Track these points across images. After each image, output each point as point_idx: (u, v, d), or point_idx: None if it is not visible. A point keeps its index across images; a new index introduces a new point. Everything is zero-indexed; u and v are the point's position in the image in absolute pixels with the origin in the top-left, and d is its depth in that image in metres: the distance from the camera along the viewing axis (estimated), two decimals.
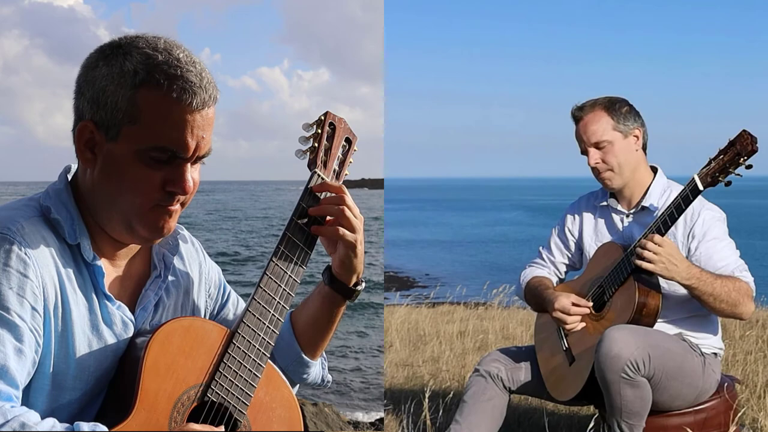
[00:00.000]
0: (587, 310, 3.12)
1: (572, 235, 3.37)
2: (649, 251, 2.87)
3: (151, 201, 1.62)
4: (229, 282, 2.04)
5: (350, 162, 1.91)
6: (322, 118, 1.86)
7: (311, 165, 1.84)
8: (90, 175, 1.65)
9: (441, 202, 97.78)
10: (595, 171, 3.16)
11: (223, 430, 1.65)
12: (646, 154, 3.21)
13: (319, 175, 1.83)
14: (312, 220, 1.82)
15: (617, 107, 3.14)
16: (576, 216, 3.37)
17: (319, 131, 1.85)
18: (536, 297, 3.30)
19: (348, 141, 1.91)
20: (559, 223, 3.43)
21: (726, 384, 3.15)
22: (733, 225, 3.17)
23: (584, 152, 3.17)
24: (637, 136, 3.15)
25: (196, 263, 1.92)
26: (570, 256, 3.39)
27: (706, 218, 3.06)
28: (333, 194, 1.81)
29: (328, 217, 1.82)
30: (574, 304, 3.11)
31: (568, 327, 3.12)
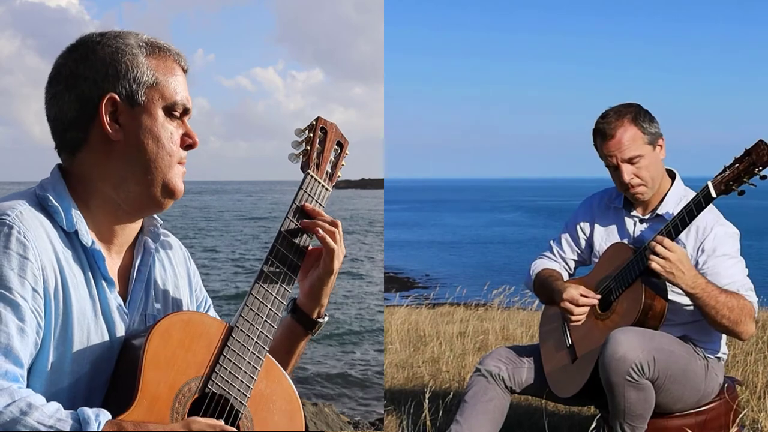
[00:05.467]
0: (595, 302, 3.11)
1: (583, 233, 3.34)
2: (660, 254, 2.87)
3: (178, 156, 1.76)
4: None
5: (342, 165, 1.98)
6: (314, 123, 1.94)
7: (304, 167, 1.91)
8: (109, 151, 1.71)
9: (441, 203, 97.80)
10: (626, 186, 3.07)
11: (224, 423, 1.66)
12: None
13: (312, 176, 1.90)
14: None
15: (643, 117, 3.06)
16: (588, 214, 3.34)
17: (311, 135, 1.93)
18: (545, 287, 3.28)
19: (339, 145, 1.98)
20: (571, 219, 3.40)
21: (726, 385, 3.15)
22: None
23: (613, 167, 3.08)
24: (661, 146, 3.10)
25: (183, 265, 1.98)
26: (580, 252, 3.37)
27: (718, 234, 3.02)
28: (326, 219, 1.89)
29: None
30: (582, 296, 3.11)
31: (574, 318, 3.11)
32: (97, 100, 1.70)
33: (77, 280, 1.66)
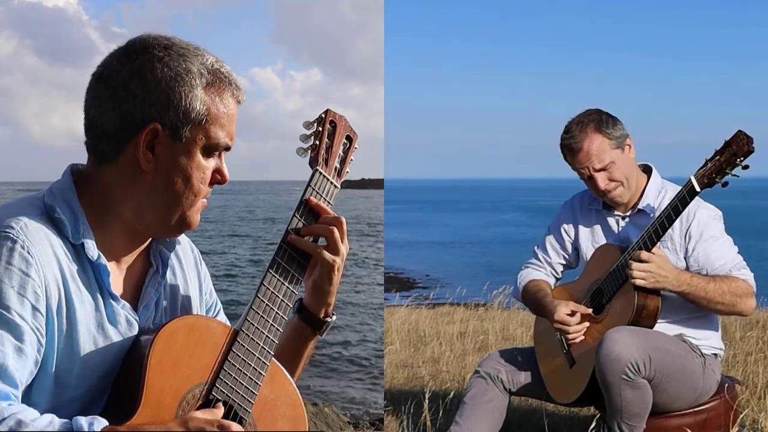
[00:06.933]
0: (586, 318, 3.11)
1: (568, 236, 3.35)
2: (638, 269, 2.89)
3: (204, 193, 1.71)
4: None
5: (351, 159, 1.92)
6: (323, 116, 1.87)
7: (312, 162, 1.85)
8: (135, 177, 1.65)
9: (441, 203, 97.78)
10: (603, 192, 3.10)
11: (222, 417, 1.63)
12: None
13: (320, 173, 1.84)
14: (313, 219, 1.84)
15: (605, 123, 3.08)
16: (571, 216, 3.35)
17: (320, 129, 1.86)
18: (535, 303, 3.29)
19: (349, 139, 1.92)
20: (554, 223, 3.40)
21: (726, 385, 3.15)
22: (732, 226, 3.16)
23: (587, 177, 3.11)
24: (629, 145, 3.12)
25: (194, 269, 1.93)
26: (566, 256, 3.38)
27: (702, 218, 3.06)
28: (330, 216, 1.84)
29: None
30: (573, 313, 3.10)
31: (570, 337, 3.12)
32: (139, 123, 1.61)
33: (83, 294, 1.62)
